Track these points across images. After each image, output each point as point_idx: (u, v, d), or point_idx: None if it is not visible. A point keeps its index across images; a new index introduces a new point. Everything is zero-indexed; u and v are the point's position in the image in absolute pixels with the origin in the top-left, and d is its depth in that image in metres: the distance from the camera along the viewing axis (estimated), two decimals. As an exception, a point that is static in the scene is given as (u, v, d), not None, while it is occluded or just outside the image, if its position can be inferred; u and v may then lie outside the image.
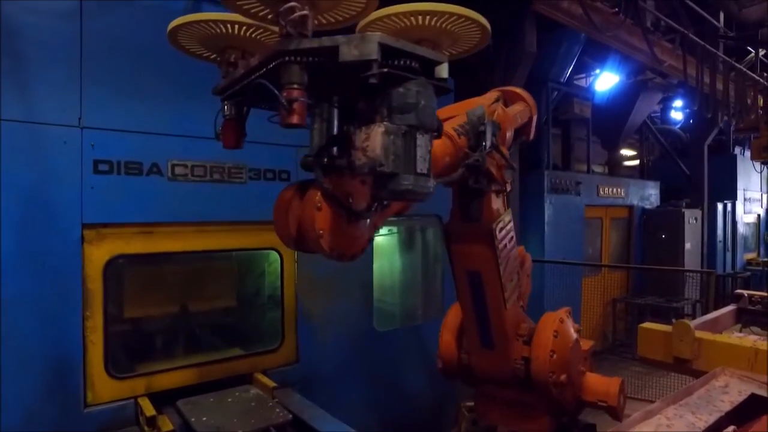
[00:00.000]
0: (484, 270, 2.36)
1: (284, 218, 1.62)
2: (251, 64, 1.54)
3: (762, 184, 13.06)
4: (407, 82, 1.39)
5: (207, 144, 3.31)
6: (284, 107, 1.34)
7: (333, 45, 1.34)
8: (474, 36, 1.80)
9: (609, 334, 8.57)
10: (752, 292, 4.48)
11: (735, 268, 11.72)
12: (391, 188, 1.34)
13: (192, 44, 1.93)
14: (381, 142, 1.33)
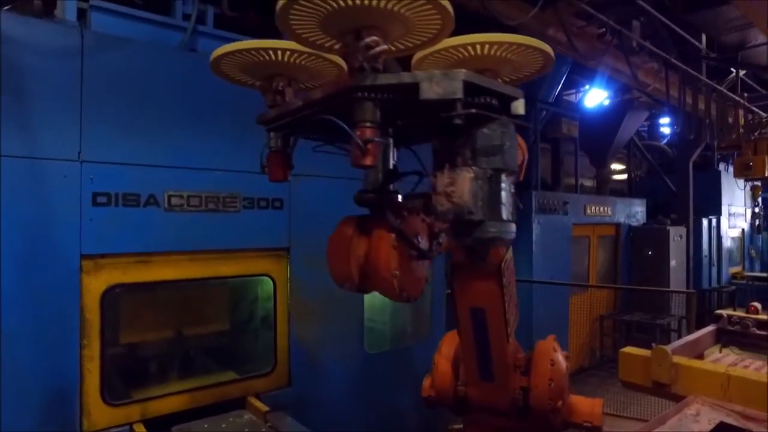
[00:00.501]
0: (489, 307, 2.37)
1: (345, 258, 1.52)
2: (312, 97, 1.46)
3: (745, 200, 13.34)
4: (491, 123, 1.33)
5: (202, 175, 3.44)
6: (359, 147, 1.27)
7: (413, 81, 1.27)
8: (536, 62, 1.74)
9: (597, 351, 8.70)
10: (731, 312, 4.64)
11: (720, 282, 11.93)
12: (476, 236, 1.30)
13: (235, 72, 1.86)
14: (469, 188, 1.28)
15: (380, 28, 1.32)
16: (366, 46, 1.27)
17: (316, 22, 1.35)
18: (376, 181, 1.44)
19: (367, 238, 1.49)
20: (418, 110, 1.30)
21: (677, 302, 8.44)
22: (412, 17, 1.32)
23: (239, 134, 3.57)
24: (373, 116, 1.28)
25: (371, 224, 1.47)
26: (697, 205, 10.64)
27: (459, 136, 1.33)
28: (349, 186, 4.09)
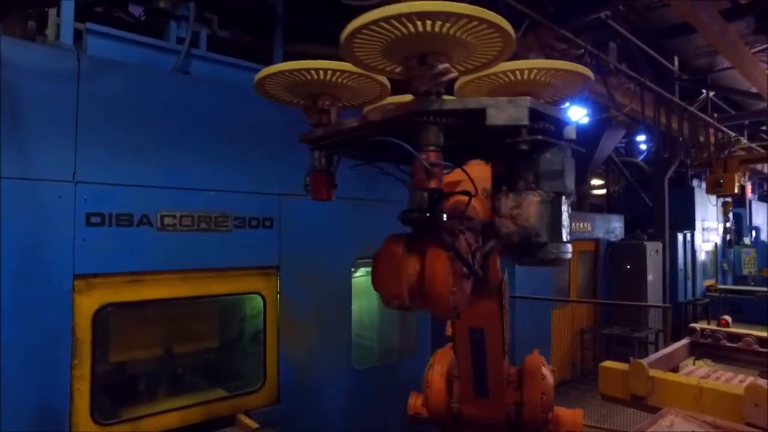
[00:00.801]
0: (488, 326, 2.43)
1: (396, 277, 1.51)
2: (371, 118, 1.49)
3: (718, 215, 13.80)
4: (552, 148, 1.38)
5: (195, 195, 3.51)
6: (425, 170, 1.31)
7: (479, 107, 1.32)
8: (576, 84, 1.80)
9: (578, 364, 8.87)
10: (704, 326, 4.83)
11: (695, 294, 12.28)
12: (540, 257, 1.35)
13: (278, 92, 1.85)
14: (536, 211, 1.34)
15: (445, 53, 1.38)
16: (440, 72, 1.33)
17: (379, 48, 1.39)
18: (423, 201, 1.48)
19: (416, 257, 1.50)
20: (479, 135, 1.36)
21: (654, 315, 8.68)
22: (474, 42, 1.38)
23: (231, 155, 3.66)
24: (437, 140, 1.33)
25: (420, 243, 1.49)
26: (673, 220, 10.98)
27: (520, 161, 1.39)
28: (337, 206, 4.24)
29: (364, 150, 1.75)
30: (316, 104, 1.77)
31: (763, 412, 2.46)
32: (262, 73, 1.74)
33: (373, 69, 1.54)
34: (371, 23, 1.30)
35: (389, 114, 1.43)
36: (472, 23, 1.29)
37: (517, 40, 5.62)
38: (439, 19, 1.26)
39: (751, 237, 17.27)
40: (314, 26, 4.94)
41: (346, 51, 1.43)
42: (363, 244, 4.48)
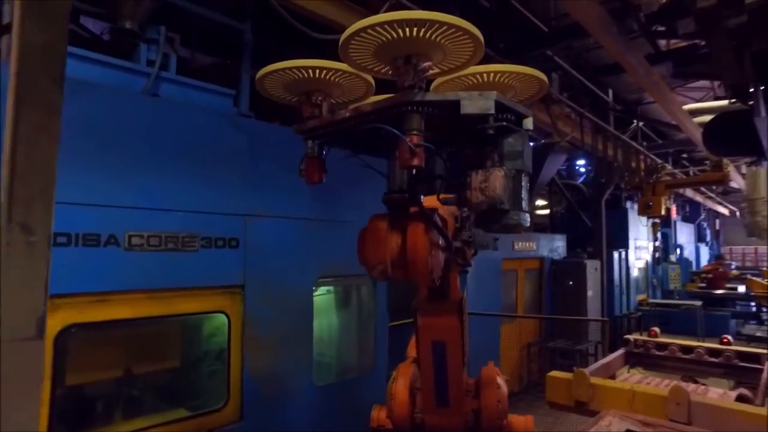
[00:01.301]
0: (449, 340, 2.61)
1: (380, 245, 1.78)
2: (363, 109, 1.74)
3: (648, 235, 14.92)
4: (514, 134, 1.66)
5: (162, 215, 3.55)
6: (409, 150, 1.55)
7: (455, 99, 1.58)
8: (533, 88, 2.11)
9: (525, 376, 9.29)
10: (636, 337, 5.28)
11: (629, 308, 13.15)
12: (504, 222, 1.61)
13: (277, 89, 2.05)
14: (501, 183, 1.58)
15: (426, 54, 1.65)
16: (421, 69, 1.60)
17: (372, 49, 1.66)
18: (403, 182, 1.74)
19: (398, 233, 1.77)
20: (454, 123, 1.61)
21: (594, 328, 9.28)
22: (450, 47, 1.66)
23: (198, 176, 3.74)
24: (420, 125, 1.60)
25: (400, 221, 1.76)
26: (609, 239, 11.80)
27: (487, 144, 1.67)
28: (300, 227, 4.37)
29: (353, 139, 1.98)
30: (310, 99, 2.01)
31: (683, 409, 2.82)
32: (265, 70, 1.96)
33: (364, 69, 1.82)
34: (368, 27, 1.59)
35: (379, 104, 1.69)
36: (450, 30, 1.58)
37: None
38: (423, 26, 1.55)
39: (676, 254, 18.74)
40: (282, 53, 5.11)
41: (344, 51, 1.70)
42: (324, 263, 4.64)
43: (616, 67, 6.69)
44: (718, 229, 28.50)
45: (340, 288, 5.37)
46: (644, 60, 5.59)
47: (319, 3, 3.91)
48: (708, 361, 4.45)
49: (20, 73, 0.81)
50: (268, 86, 2.04)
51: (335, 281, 5.07)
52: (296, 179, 4.67)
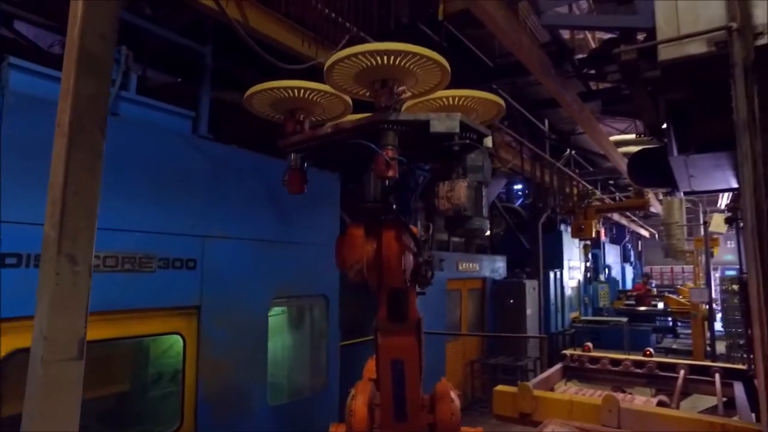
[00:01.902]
0: (408, 358, 2.75)
1: (357, 249, 1.97)
2: (341, 126, 1.95)
3: (580, 256, 15.92)
4: (476, 150, 1.89)
5: (119, 235, 3.51)
6: (386, 163, 1.76)
7: (426, 119, 1.82)
8: (493, 111, 2.39)
9: (469, 392, 9.59)
10: (573, 352, 5.69)
11: (564, 325, 13.91)
12: (467, 227, 1.82)
13: (264, 106, 2.23)
14: (465, 193, 1.79)
15: (400, 79, 1.91)
16: (396, 92, 1.85)
17: (352, 75, 1.91)
18: (377, 193, 1.95)
19: (373, 237, 1.97)
20: (424, 140, 1.84)
21: (533, 345, 9.77)
22: (421, 73, 1.93)
23: (157, 197, 3.74)
24: (394, 141, 1.83)
25: (375, 227, 1.97)
26: (545, 260, 12.50)
27: (453, 159, 1.90)
28: (256, 248, 4.43)
29: (332, 153, 2.20)
30: (294, 116, 2.23)
31: (614, 415, 3.15)
32: (253, 89, 2.17)
33: (345, 90, 2.08)
34: (350, 56, 1.85)
35: (359, 122, 1.95)
36: (422, 59, 1.87)
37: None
38: (399, 55, 1.83)
39: (605, 274, 20.05)
40: (242, 77, 5.20)
41: (329, 74, 1.95)
42: (280, 284, 4.71)
43: (553, 102, 7.28)
44: (640, 250, 30.76)
45: (294, 308, 5.43)
46: (577, 97, 6.16)
47: (282, 33, 4.06)
48: (634, 372, 4.89)
49: (73, 121, 0.90)
50: (256, 104, 2.24)
51: (289, 301, 5.13)
52: (254, 201, 4.77)
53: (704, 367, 4.75)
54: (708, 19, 2.91)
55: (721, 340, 12.51)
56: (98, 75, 0.98)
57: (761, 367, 2.47)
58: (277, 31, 4.13)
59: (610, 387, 4.74)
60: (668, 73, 3.08)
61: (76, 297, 0.98)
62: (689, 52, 2.95)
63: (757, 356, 2.51)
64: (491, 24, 4.07)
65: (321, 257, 5.16)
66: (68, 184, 0.96)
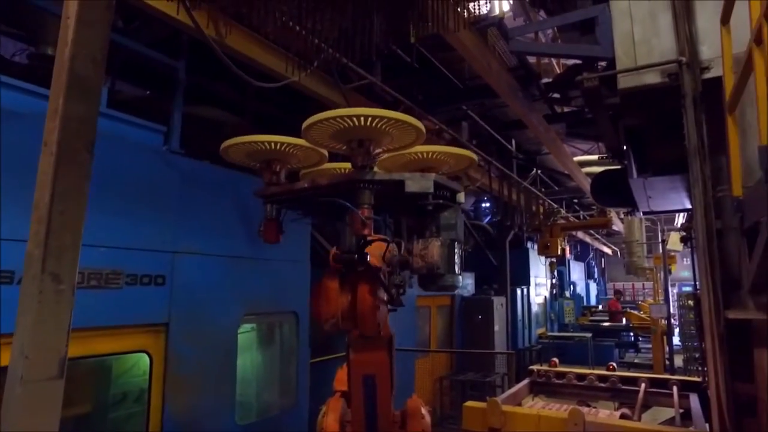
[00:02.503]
0: (379, 374, 2.77)
1: (334, 303, 2.02)
2: (319, 182, 2.00)
3: (546, 272, 16.29)
4: (449, 209, 1.96)
5: (85, 251, 3.41)
6: (361, 222, 1.82)
7: (400, 179, 1.89)
8: (464, 164, 2.47)
9: (437, 409, 9.61)
10: (539, 367, 5.82)
11: (531, 341, 14.14)
12: (440, 284, 1.89)
13: (240, 157, 2.27)
14: (438, 251, 1.84)
15: (377, 139, 1.99)
16: (372, 153, 1.92)
17: (329, 133, 1.97)
18: (352, 245, 1.98)
19: (347, 289, 2.02)
20: (399, 198, 1.91)
21: (500, 361, 9.90)
22: (397, 133, 2.01)
23: (126, 212, 3.68)
24: (370, 200, 1.91)
25: (350, 278, 2.01)
26: (512, 277, 12.74)
27: (427, 217, 1.98)
28: (227, 264, 4.40)
29: (310, 206, 2.27)
30: (270, 167, 2.28)
31: (580, 428, 3.25)
32: (229, 142, 2.21)
33: (322, 146, 2.14)
34: (328, 118, 1.87)
35: (334, 180, 2.03)
36: (397, 123, 1.96)
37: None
38: (375, 119, 1.92)
39: (570, 290, 20.54)
40: (215, 91, 5.20)
41: (307, 132, 2.02)
42: (250, 300, 4.66)
43: (520, 123, 7.53)
44: (603, 267, 31.67)
45: (263, 325, 5.37)
46: (543, 119, 6.41)
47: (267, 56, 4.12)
48: (598, 387, 5.05)
49: (61, 141, 0.92)
50: (232, 154, 2.29)
51: (259, 318, 5.07)
52: (225, 217, 4.75)
53: (663, 380, 4.95)
54: (661, 52, 3.13)
55: (679, 353, 12.98)
56: (88, 97, 1.00)
57: (713, 378, 2.61)
58: (262, 55, 4.19)
59: (576, 401, 4.87)
60: (627, 100, 3.28)
61: (58, 316, 0.98)
62: (645, 81, 3.15)
63: (710, 368, 2.66)
64: (461, 48, 4.23)
65: (291, 274, 5.15)
66: (54, 203, 0.97)
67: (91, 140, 1.06)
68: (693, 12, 3.17)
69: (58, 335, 0.97)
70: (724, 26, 2.66)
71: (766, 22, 1.76)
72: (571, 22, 3.76)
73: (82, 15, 0.96)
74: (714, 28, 2.88)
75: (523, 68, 5.56)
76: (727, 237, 2.86)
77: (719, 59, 2.83)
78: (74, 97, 0.98)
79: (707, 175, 2.89)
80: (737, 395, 2.58)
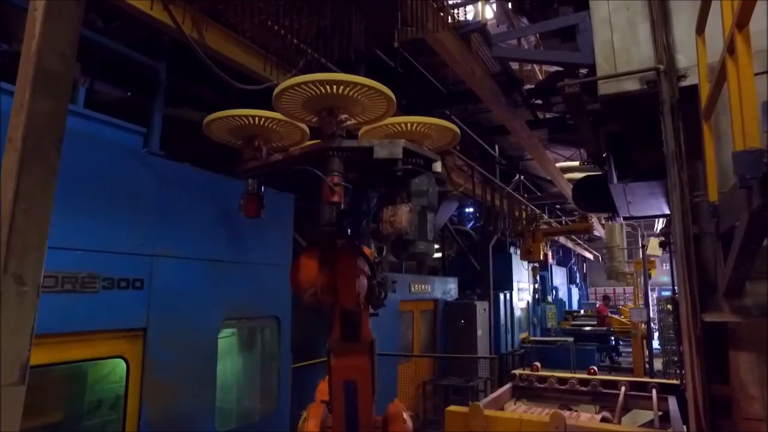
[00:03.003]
0: (360, 379, 2.77)
1: (313, 271, 2.00)
2: (293, 153, 1.99)
3: (529, 277, 16.42)
4: (421, 175, 1.93)
5: (60, 254, 3.34)
6: (330, 188, 1.78)
7: (369, 146, 1.85)
8: (447, 137, 2.44)
9: (420, 414, 9.59)
10: (521, 371, 5.85)
11: (514, 346, 14.22)
12: (411, 251, 1.85)
13: (222, 133, 2.23)
14: (407, 217, 1.82)
15: (346, 107, 1.96)
16: (340, 120, 1.89)
17: (300, 102, 1.96)
18: (332, 218, 1.96)
19: (327, 261, 2.00)
20: (369, 165, 1.90)
21: (483, 365, 9.92)
22: (367, 102, 1.99)
23: (103, 214, 3.60)
24: (339, 168, 1.89)
25: (330, 251, 2.00)
26: (495, 281, 12.81)
27: (397, 185, 1.95)
28: (208, 267, 4.34)
29: (286, 178, 2.30)
30: (252, 143, 2.26)
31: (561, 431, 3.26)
32: (212, 116, 2.18)
33: (295, 117, 2.12)
34: (297, 84, 1.93)
35: (305, 149, 2.03)
36: (364, 89, 1.94)
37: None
38: (341, 85, 1.90)
39: (552, 295, 20.74)
40: (196, 94, 5.14)
41: (277, 102, 2.00)
42: (230, 305, 4.60)
43: (503, 129, 7.60)
44: (585, 272, 32.08)
45: (244, 330, 5.30)
46: (525, 125, 6.48)
47: (245, 56, 4.07)
48: (579, 390, 5.08)
49: (27, 137, 0.89)
50: (215, 130, 2.26)
51: (240, 323, 5.01)
52: (205, 220, 4.69)
53: (643, 383, 5.01)
54: (640, 60, 3.18)
55: (658, 357, 13.17)
56: (56, 93, 0.97)
57: (690, 380, 2.65)
58: (241, 55, 4.14)
59: (558, 405, 4.89)
60: (607, 106, 3.32)
61: (21, 318, 0.94)
62: (625, 88, 3.20)
63: (687, 371, 2.70)
64: (445, 53, 4.25)
65: (273, 278, 5.09)
66: (18, 201, 0.93)
67: (60, 137, 1.03)
68: (670, 22, 3.23)
69: (20, 339, 0.93)
70: (699, 36, 2.72)
71: (738, 32, 1.79)
72: (553, 29, 3.81)
73: (50, 8, 0.93)
74: (690, 38, 2.94)
75: (505, 74, 5.61)
76: (703, 242, 2.91)
77: (695, 68, 2.89)
78: (41, 92, 0.94)
79: (684, 181, 2.94)
80: (713, 397, 2.62)
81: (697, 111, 2.75)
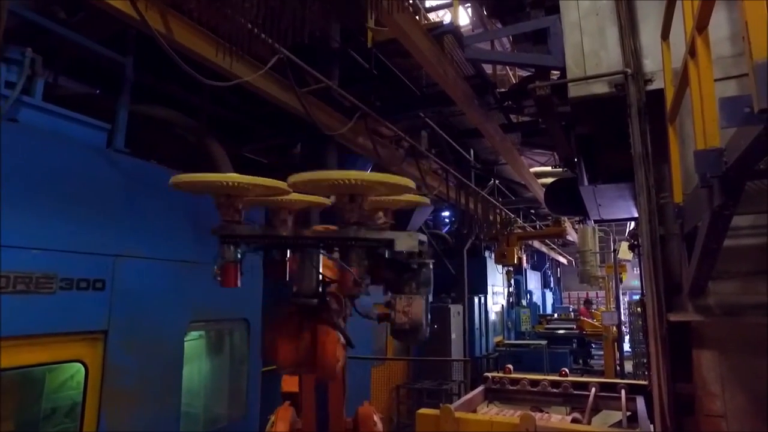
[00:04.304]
0: (332, 386, 2.80)
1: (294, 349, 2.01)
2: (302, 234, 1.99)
3: (503, 281, 16.57)
4: (427, 265, 1.98)
5: (13, 253, 3.19)
6: (355, 281, 1.85)
7: (390, 238, 1.88)
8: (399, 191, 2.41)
9: (395, 417, 9.53)
10: (494, 374, 5.85)
11: (488, 349, 14.32)
12: (418, 338, 1.96)
13: (195, 190, 2.14)
14: (422, 309, 1.90)
15: (368, 194, 2.01)
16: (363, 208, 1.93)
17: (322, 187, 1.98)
18: (311, 288, 1.98)
19: (306, 333, 2.01)
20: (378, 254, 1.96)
21: (457, 368, 9.93)
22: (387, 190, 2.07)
23: (63, 212, 3.46)
24: (362, 259, 1.92)
25: (309, 321, 2.00)
26: (470, 285, 12.88)
27: (408, 272, 2.00)
28: (173, 268, 4.21)
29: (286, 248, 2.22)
30: (232, 204, 2.06)
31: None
32: (184, 178, 2.03)
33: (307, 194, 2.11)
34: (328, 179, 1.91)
35: (324, 235, 1.98)
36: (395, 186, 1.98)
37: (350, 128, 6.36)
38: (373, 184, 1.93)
39: (526, 299, 20.98)
40: (164, 91, 5.00)
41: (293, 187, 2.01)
42: (197, 307, 4.47)
43: (477, 132, 7.64)
44: (559, 276, 32.59)
45: (212, 332, 5.17)
46: (499, 128, 6.53)
47: (196, 41, 3.90)
48: (551, 392, 5.11)
49: None
50: (184, 188, 2.15)
51: (207, 325, 4.88)
52: (171, 219, 4.56)
53: (612, 384, 5.06)
54: (609, 63, 3.22)
55: (629, 359, 13.43)
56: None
57: (656, 379, 2.67)
58: (190, 39, 3.87)
59: (530, 407, 4.91)
60: (577, 109, 3.35)
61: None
62: (594, 91, 3.23)
63: (653, 370, 2.72)
64: (418, 54, 4.24)
65: (242, 280, 4.97)
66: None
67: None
68: (637, 27, 3.29)
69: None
70: (664, 41, 2.77)
71: (698, 35, 1.82)
72: (524, 32, 3.84)
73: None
74: (656, 43, 2.99)
75: (479, 77, 5.64)
76: (669, 243, 2.96)
77: (661, 72, 2.95)
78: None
79: (651, 183, 2.99)
80: (678, 395, 2.65)
81: (663, 114, 2.80)
